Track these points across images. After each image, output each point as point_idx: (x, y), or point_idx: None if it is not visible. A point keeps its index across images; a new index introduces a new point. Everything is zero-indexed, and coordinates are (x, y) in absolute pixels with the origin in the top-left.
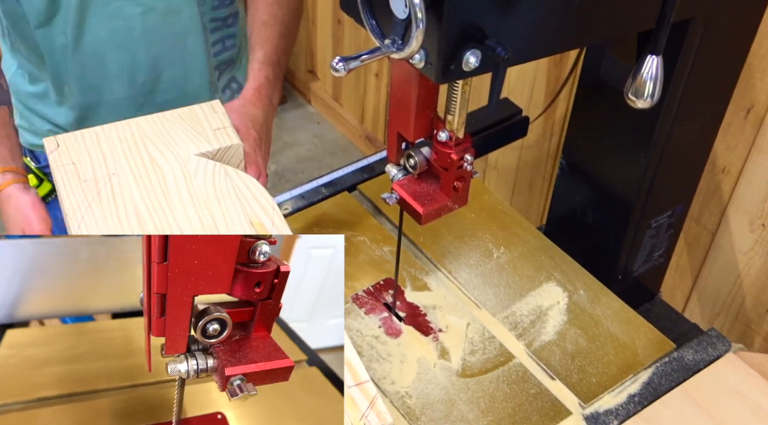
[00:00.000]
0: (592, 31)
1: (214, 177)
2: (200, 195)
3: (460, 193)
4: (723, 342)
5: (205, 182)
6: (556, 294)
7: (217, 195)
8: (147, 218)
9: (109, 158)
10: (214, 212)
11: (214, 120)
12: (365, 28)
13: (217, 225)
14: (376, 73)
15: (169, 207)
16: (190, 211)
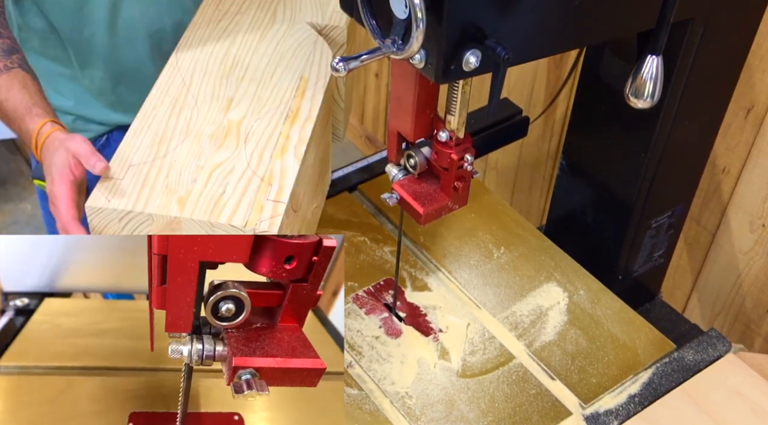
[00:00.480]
0: (592, 31)
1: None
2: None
3: (460, 193)
4: (723, 343)
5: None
6: (556, 295)
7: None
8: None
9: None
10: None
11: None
12: (365, 28)
13: (274, 72)
14: (376, 73)
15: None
16: (268, 54)
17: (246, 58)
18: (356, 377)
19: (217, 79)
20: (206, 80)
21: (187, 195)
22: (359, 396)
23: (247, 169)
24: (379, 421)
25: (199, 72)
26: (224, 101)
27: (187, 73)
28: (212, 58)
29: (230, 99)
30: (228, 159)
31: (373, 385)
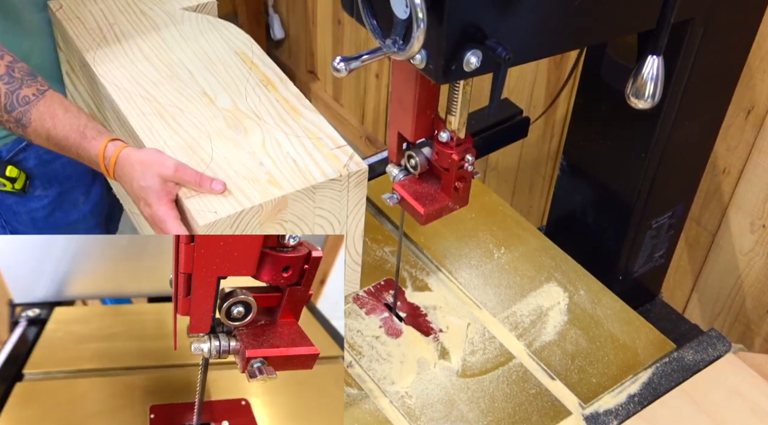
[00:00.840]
0: (593, 32)
1: (198, 23)
2: (190, 36)
3: (460, 193)
4: (723, 343)
5: (191, 26)
6: (556, 295)
7: (203, 36)
8: (150, 53)
9: (107, 13)
10: (203, 46)
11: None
12: (366, 28)
13: (209, 55)
14: (377, 73)
15: (166, 45)
16: (184, 47)
17: (168, 57)
18: (356, 376)
19: (171, 84)
20: (164, 89)
21: (270, 177)
22: (359, 396)
23: (288, 136)
24: (379, 421)
25: (150, 86)
26: (202, 97)
27: (138, 92)
28: (142, 72)
29: (204, 93)
30: (264, 136)
31: (373, 385)
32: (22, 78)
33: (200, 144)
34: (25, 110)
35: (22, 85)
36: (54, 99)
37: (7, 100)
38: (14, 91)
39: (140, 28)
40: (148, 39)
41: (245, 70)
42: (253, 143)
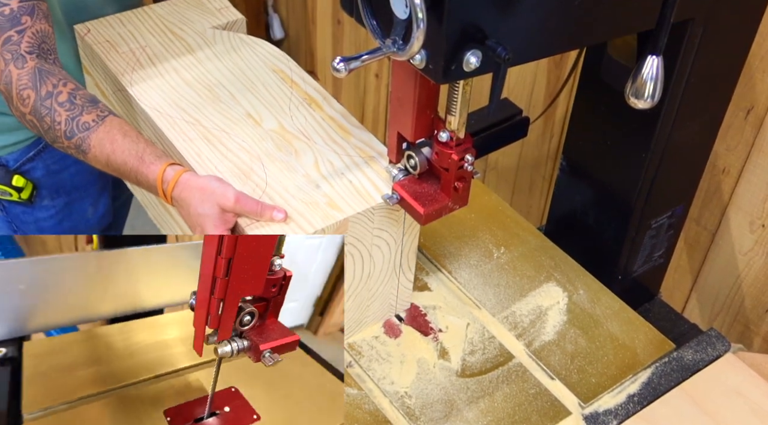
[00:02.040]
0: (592, 32)
1: (231, 41)
2: (224, 55)
3: (460, 193)
4: (722, 342)
5: (224, 45)
6: (556, 294)
7: (238, 54)
8: (186, 75)
9: (138, 35)
10: (240, 65)
11: (215, 1)
12: (366, 28)
13: (245, 73)
14: (376, 73)
15: (202, 66)
16: (220, 67)
17: (206, 78)
18: (356, 376)
19: (214, 107)
20: (207, 112)
21: (329, 200)
22: (359, 396)
23: (340, 156)
24: (379, 421)
25: (192, 109)
26: (246, 118)
27: (181, 116)
28: (182, 95)
29: (249, 114)
30: (316, 157)
31: (372, 385)
32: (83, 105)
33: (253, 168)
34: (84, 136)
35: (83, 111)
36: (113, 124)
37: (68, 126)
38: (74, 117)
39: (173, 50)
40: (183, 60)
41: (286, 88)
42: (306, 165)
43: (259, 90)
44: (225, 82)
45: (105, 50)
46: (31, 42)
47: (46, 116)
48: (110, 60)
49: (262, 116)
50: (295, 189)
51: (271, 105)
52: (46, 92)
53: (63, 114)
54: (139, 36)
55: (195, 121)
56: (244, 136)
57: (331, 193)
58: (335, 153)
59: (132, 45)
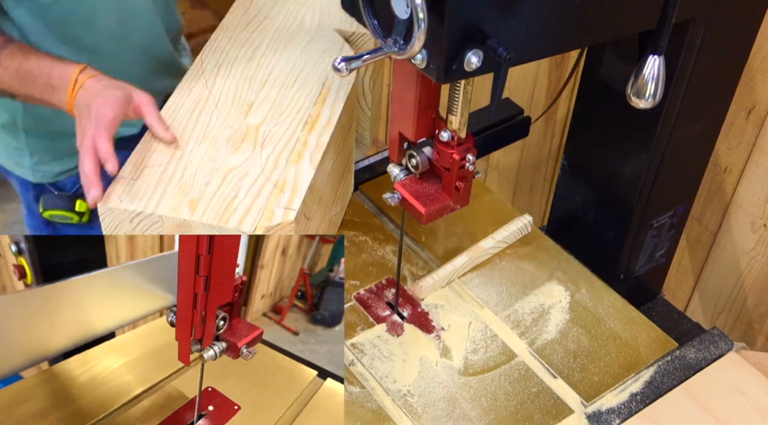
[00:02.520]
0: (594, 32)
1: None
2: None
3: (461, 193)
4: (725, 341)
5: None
6: (558, 293)
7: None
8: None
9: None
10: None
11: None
12: (367, 28)
13: (301, 74)
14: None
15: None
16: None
17: (270, 62)
18: (358, 375)
19: (239, 83)
20: (228, 83)
21: (199, 197)
22: (361, 394)
23: (260, 174)
24: (381, 419)
25: (222, 74)
26: (244, 105)
27: (210, 76)
28: (237, 61)
29: (251, 103)
30: (243, 163)
31: (375, 383)
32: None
33: (188, 141)
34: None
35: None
36: (22, 45)
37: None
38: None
39: (283, 27)
40: (277, 40)
41: (309, 103)
42: (226, 164)
43: (287, 91)
44: (274, 70)
45: (234, 15)
46: None
47: None
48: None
49: (258, 110)
50: (194, 173)
51: (275, 105)
52: None
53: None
54: (275, 9)
55: (209, 87)
56: (224, 116)
57: (209, 194)
58: (262, 171)
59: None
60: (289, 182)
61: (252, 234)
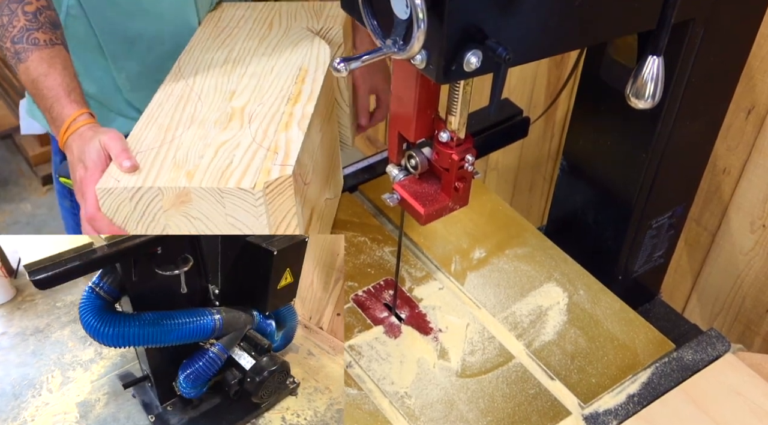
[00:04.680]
0: (593, 32)
1: (300, 36)
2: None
3: (461, 193)
4: (722, 342)
5: (290, 35)
6: (556, 294)
7: (296, 43)
8: (233, 54)
9: (242, 20)
10: (285, 53)
11: (333, 8)
12: (366, 28)
13: (277, 54)
14: None
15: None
16: (270, 53)
17: (246, 58)
18: (356, 377)
19: (219, 78)
20: (208, 79)
21: (195, 169)
22: (358, 396)
23: (252, 143)
24: (379, 421)
25: (201, 74)
26: (227, 94)
27: (190, 76)
28: (213, 62)
29: (233, 91)
30: (233, 137)
31: (372, 385)
32: (44, 23)
33: (176, 128)
34: (28, 48)
35: (40, 28)
36: (60, 54)
37: (20, 34)
38: (29, 29)
39: (253, 31)
40: (250, 41)
41: (289, 84)
42: (217, 139)
43: (266, 78)
44: (251, 65)
45: (205, 30)
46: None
47: (5, 16)
48: (198, 35)
49: (242, 94)
50: (187, 151)
51: (260, 90)
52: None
53: (22, 21)
54: (243, 21)
55: (190, 85)
56: (210, 103)
57: (204, 164)
58: (252, 138)
59: (229, 23)
60: (281, 146)
61: (251, 191)
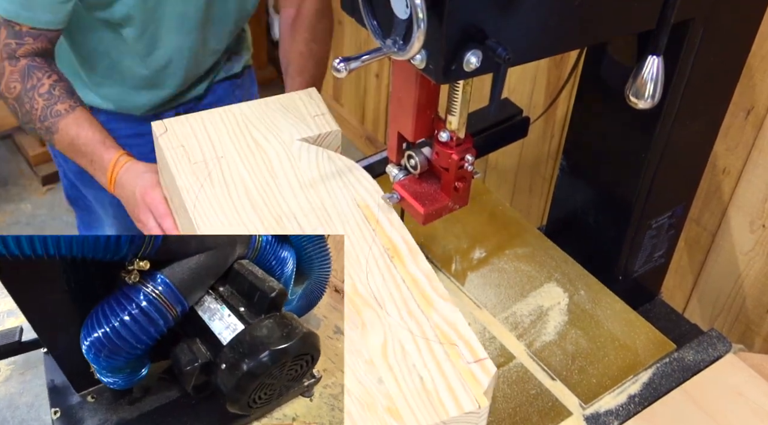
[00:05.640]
0: (593, 32)
1: (318, 160)
2: (306, 177)
3: (460, 193)
4: (723, 343)
5: (309, 165)
6: (556, 295)
7: (322, 178)
8: (258, 199)
9: (216, 141)
10: (321, 194)
11: (311, 107)
12: (366, 28)
13: (326, 206)
14: (377, 73)
15: (277, 188)
16: (298, 192)
17: (278, 205)
18: None
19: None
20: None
21: (390, 403)
22: None
23: (415, 337)
24: None
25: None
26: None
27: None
28: (245, 223)
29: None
30: (386, 337)
31: None
32: (60, 95)
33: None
34: (55, 121)
35: (58, 101)
36: (82, 114)
37: (42, 113)
38: (50, 106)
39: (251, 164)
40: (258, 179)
41: (368, 231)
42: (373, 347)
43: (334, 228)
44: (298, 213)
45: (177, 158)
46: (28, 50)
47: (26, 104)
48: (180, 171)
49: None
50: (353, 381)
51: (345, 251)
52: (30, 85)
53: (41, 102)
54: (217, 141)
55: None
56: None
57: (395, 392)
58: (410, 332)
59: (207, 154)
60: (448, 332)
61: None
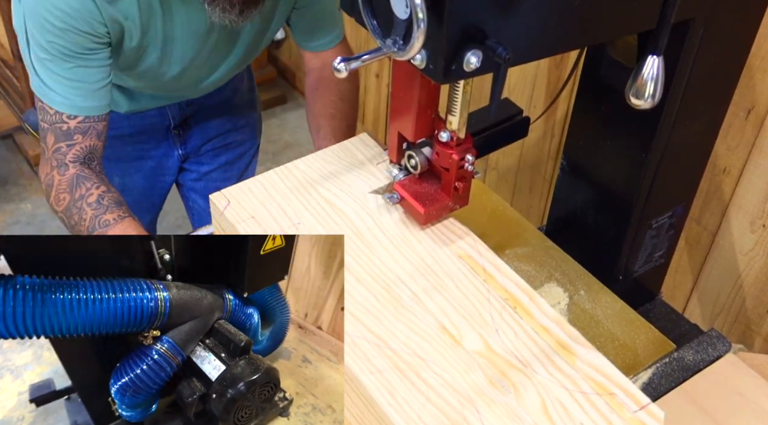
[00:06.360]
0: (593, 32)
1: (399, 212)
2: (394, 233)
3: (461, 193)
4: (723, 343)
5: (392, 219)
6: (556, 294)
7: (410, 230)
8: (356, 267)
9: (285, 206)
10: (417, 249)
11: (369, 153)
12: (366, 28)
13: (428, 264)
14: (377, 73)
15: (370, 250)
16: (393, 252)
17: (378, 270)
18: None
19: (398, 316)
20: (392, 326)
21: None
22: None
23: (571, 393)
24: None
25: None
26: (442, 333)
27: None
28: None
29: (442, 327)
30: (542, 396)
31: None
32: (108, 205)
33: (466, 418)
34: (103, 231)
35: (107, 211)
36: (131, 224)
37: (91, 223)
38: (98, 216)
39: (332, 227)
40: (348, 244)
41: (480, 284)
42: (532, 409)
43: (447, 287)
44: (402, 275)
45: (252, 232)
46: (77, 154)
47: (75, 215)
48: None
49: (460, 329)
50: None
51: (466, 311)
52: (78, 195)
53: (89, 212)
54: (287, 206)
55: (380, 341)
56: (444, 364)
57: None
58: (564, 388)
59: (283, 222)
60: (602, 380)
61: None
